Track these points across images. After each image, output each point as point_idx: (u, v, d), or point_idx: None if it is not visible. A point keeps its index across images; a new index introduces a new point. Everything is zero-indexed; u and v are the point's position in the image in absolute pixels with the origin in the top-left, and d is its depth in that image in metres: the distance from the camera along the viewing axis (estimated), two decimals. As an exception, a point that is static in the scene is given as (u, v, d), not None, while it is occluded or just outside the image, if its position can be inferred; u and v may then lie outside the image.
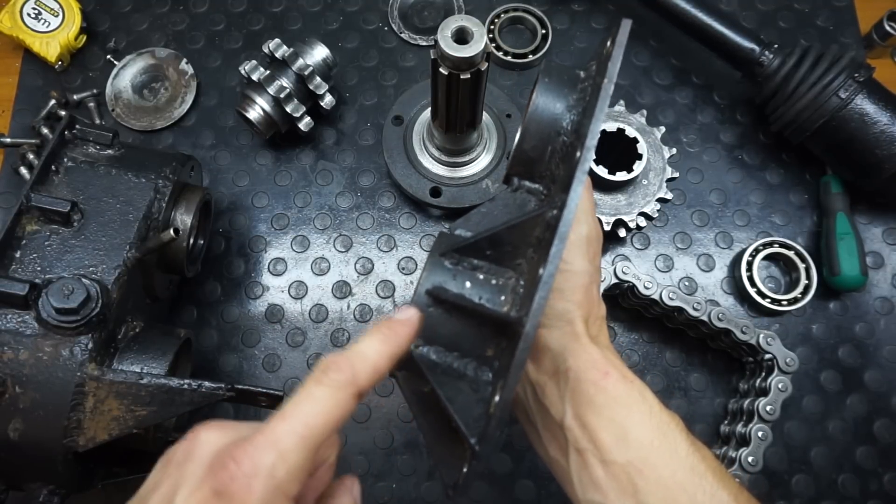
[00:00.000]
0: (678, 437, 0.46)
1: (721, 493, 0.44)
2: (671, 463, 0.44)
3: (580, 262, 0.49)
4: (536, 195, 0.50)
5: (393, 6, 1.00)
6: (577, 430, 0.46)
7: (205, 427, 0.41)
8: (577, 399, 0.46)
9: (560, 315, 0.48)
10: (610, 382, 0.46)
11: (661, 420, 0.46)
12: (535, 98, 0.49)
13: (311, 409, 0.39)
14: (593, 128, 0.42)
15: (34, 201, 0.65)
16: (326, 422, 0.39)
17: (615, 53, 0.43)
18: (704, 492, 0.44)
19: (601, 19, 1.00)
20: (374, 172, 0.93)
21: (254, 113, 0.86)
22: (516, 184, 0.51)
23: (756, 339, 0.77)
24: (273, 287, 0.88)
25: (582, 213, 0.49)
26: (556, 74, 0.51)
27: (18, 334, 0.62)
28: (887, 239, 0.90)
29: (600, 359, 0.47)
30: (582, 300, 0.49)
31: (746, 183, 0.92)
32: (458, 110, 0.74)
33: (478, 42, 0.65)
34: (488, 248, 0.45)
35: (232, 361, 0.84)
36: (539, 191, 0.50)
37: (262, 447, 0.37)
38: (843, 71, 0.80)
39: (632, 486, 0.44)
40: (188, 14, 1.00)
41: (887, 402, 0.83)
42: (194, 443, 0.40)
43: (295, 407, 0.39)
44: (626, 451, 0.44)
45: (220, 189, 0.92)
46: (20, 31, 0.94)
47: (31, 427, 0.61)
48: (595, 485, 0.45)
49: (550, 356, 0.49)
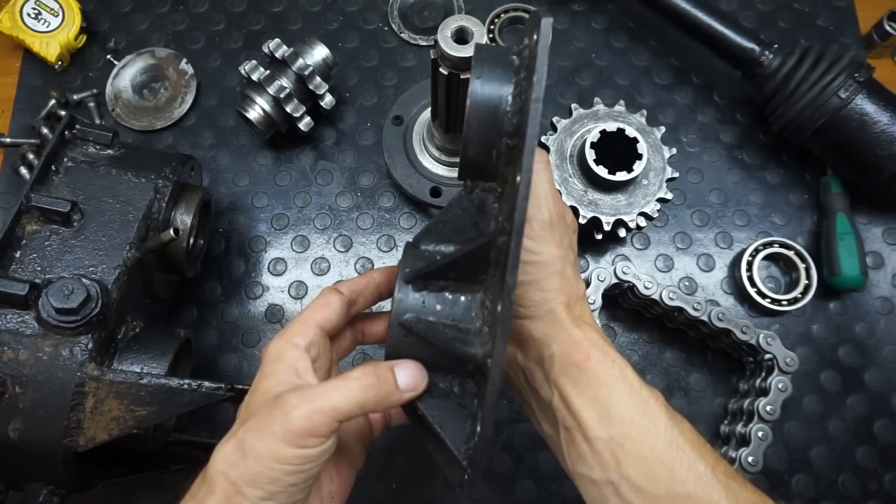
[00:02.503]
0: (657, 413, 0.48)
1: (698, 463, 0.46)
2: (650, 438, 0.47)
3: (548, 249, 0.49)
4: (492, 192, 0.49)
5: (393, 6, 1.00)
6: (563, 411, 0.49)
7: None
8: (561, 381, 0.49)
9: (539, 305, 0.50)
10: (591, 364, 0.48)
11: (641, 396, 0.48)
12: (470, 103, 0.45)
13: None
14: (530, 135, 0.40)
15: (34, 201, 0.65)
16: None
17: (540, 53, 0.40)
18: (682, 463, 0.46)
19: (601, 19, 1.00)
20: (374, 172, 0.93)
21: (254, 113, 0.86)
22: (471, 185, 0.51)
23: (756, 339, 0.77)
24: (273, 287, 0.88)
25: (539, 198, 0.49)
26: (487, 70, 0.46)
27: (18, 334, 0.62)
28: (887, 239, 0.90)
29: (582, 341, 0.49)
30: (559, 286, 0.50)
31: (746, 183, 0.92)
32: (458, 110, 0.74)
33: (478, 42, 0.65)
34: (450, 272, 0.46)
35: (232, 361, 0.84)
36: (494, 188, 0.49)
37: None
38: (843, 71, 0.80)
39: (614, 460, 0.47)
40: (188, 14, 1.00)
41: (887, 402, 0.83)
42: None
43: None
44: (608, 427, 0.47)
45: (220, 189, 0.92)
46: (20, 31, 0.94)
47: (31, 427, 0.61)
48: (582, 459, 0.48)
49: (535, 344, 0.51)
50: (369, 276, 0.57)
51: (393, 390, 0.46)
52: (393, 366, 0.47)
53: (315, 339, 0.51)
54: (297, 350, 0.49)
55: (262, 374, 0.49)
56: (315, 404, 0.44)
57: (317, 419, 0.43)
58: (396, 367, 0.47)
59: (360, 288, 0.55)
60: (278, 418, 0.43)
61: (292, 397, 0.44)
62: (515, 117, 0.44)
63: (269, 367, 0.49)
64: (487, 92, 0.45)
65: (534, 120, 0.40)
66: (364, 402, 0.45)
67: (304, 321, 0.51)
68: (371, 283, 0.56)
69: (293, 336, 0.50)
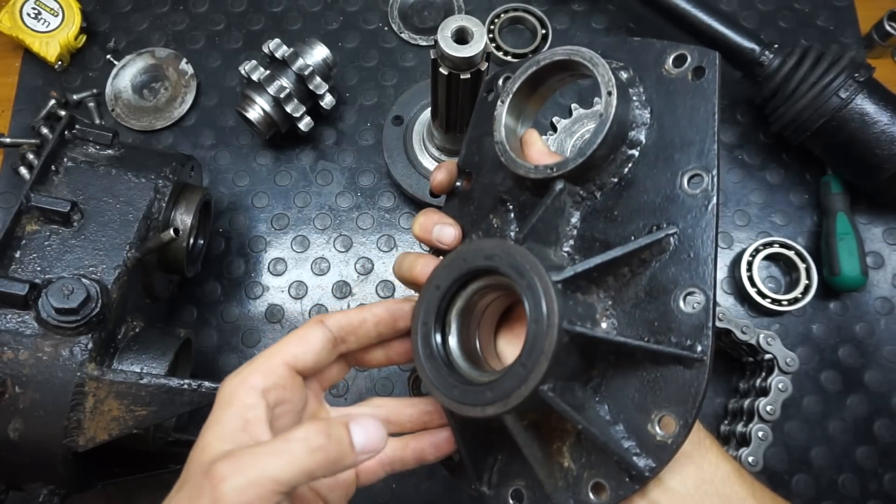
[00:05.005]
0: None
1: (724, 464, 0.45)
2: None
3: None
4: (574, 196, 0.48)
5: (393, 6, 1.00)
6: None
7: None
8: None
9: None
10: None
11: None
12: (613, 111, 0.45)
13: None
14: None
15: (34, 201, 0.65)
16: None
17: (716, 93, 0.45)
18: (710, 462, 0.45)
19: (601, 19, 1.00)
20: (374, 172, 0.93)
21: (254, 113, 0.86)
22: (562, 187, 0.48)
23: (756, 339, 0.77)
24: (273, 287, 0.88)
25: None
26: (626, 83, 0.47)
27: (18, 334, 0.62)
28: (887, 239, 0.90)
29: None
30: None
31: (746, 183, 0.92)
32: (458, 110, 0.74)
33: (478, 42, 0.65)
34: (596, 272, 0.44)
35: (232, 361, 0.84)
36: (578, 192, 0.48)
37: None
38: (844, 71, 0.80)
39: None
40: (188, 14, 1.00)
41: (887, 402, 0.83)
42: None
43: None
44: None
45: (220, 189, 0.92)
46: (20, 31, 0.94)
47: (31, 427, 0.61)
48: None
49: None
50: (366, 310, 0.48)
51: (347, 452, 0.39)
52: (348, 422, 0.40)
53: (279, 380, 0.43)
54: (252, 394, 0.42)
55: (209, 421, 0.42)
56: (249, 475, 0.37)
57: (251, 493, 0.36)
58: (352, 424, 0.40)
59: (353, 325, 0.47)
60: (207, 492, 0.37)
61: (223, 466, 0.37)
62: (639, 130, 0.46)
63: (217, 414, 0.42)
64: (624, 105, 0.46)
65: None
66: (311, 468, 0.38)
67: (269, 357, 0.44)
68: (366, 321, 0.48)
69: (250, 375, 0.43)
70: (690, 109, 0.45)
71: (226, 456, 0.38)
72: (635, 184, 0.46)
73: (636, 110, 0.47)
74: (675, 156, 0.45)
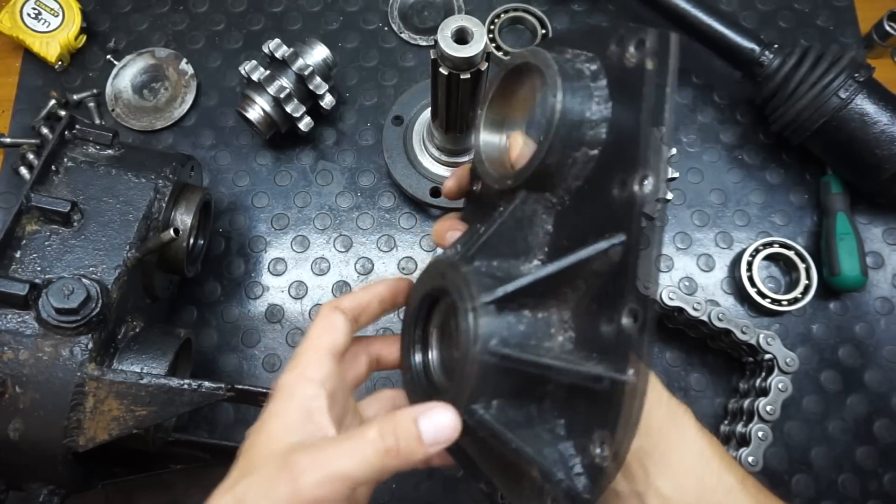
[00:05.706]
0: (686, 424, 0.47)
1: (727, 476, 0.46)
2: (680, 448, 0.46)
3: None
4: (544, 203, 0.46)
5: (393, 6, 1.00)
6: None
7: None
8: None
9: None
10: None
11: (670, 409, 0.48)
12: (558, 113, 0.42)
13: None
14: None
15: (34, 201, 0.65)
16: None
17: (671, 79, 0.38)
18: (712, 473, 0.46)
19: (601, 19, 1.00)
20: (374, 172, 0.93)
21: (254, 113, 0.86)
22: (525, 196, 0.46)
23: (756, 339, 0.77)
24: (273, 287, 0.88)
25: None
26: (571, 81, 0.43)
27: (18, 334, 0.62)
28: (887, 239, 0.90)
29: None
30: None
31: (746, 183, 0.92)
32: (458, 110, 0.74)
33: (478, 42, 0.65)
34: (539, 287, 0.41)
35: (232, 361, 0.84)
36: (548, 199, 0.46)
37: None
38: (843, 71, 0.80)
39: (643, 471, 0.46)
40: (188, 14, 1.00)
41: (887, 402, 0.83)
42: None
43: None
44: (637, 438, 0.46)
45: (220, 189, 0.92)
46: (20, 31, 0.94)
47: (31, 427, 0.61)
48: None
49: None
50: (372, 289, 0.52)
51: (416, 449, 0.41)
52: (416, 416, 0.41)
53: (330, 371, 0.46)
54: (312, 386, 0.44)
55: (270, 413, 0.44)
56: (326, 470, 0.39)
57: (327, 487, 0.39)
58: (421, 418, 0.41)
59: (364, 304, 0.50)
60: (286, 482, 0.39)
61: (303, 459, 0.40)
62: (599, 128, 0.42)
63: (279, 406, 0.44)
64: (575, 103, 0.42)
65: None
66: (383, 468, 0.41)
67: (315, 350, 0.46)
68: (374, 297, 0.51)
69: (306, 368, 0.45)
70: (641, 101, 0.39)
71: (303, 449, 0.41)
72: (596, 187, 0.42)
73: (596, 106, 0.42)
74: (626, 155, 0.40)
